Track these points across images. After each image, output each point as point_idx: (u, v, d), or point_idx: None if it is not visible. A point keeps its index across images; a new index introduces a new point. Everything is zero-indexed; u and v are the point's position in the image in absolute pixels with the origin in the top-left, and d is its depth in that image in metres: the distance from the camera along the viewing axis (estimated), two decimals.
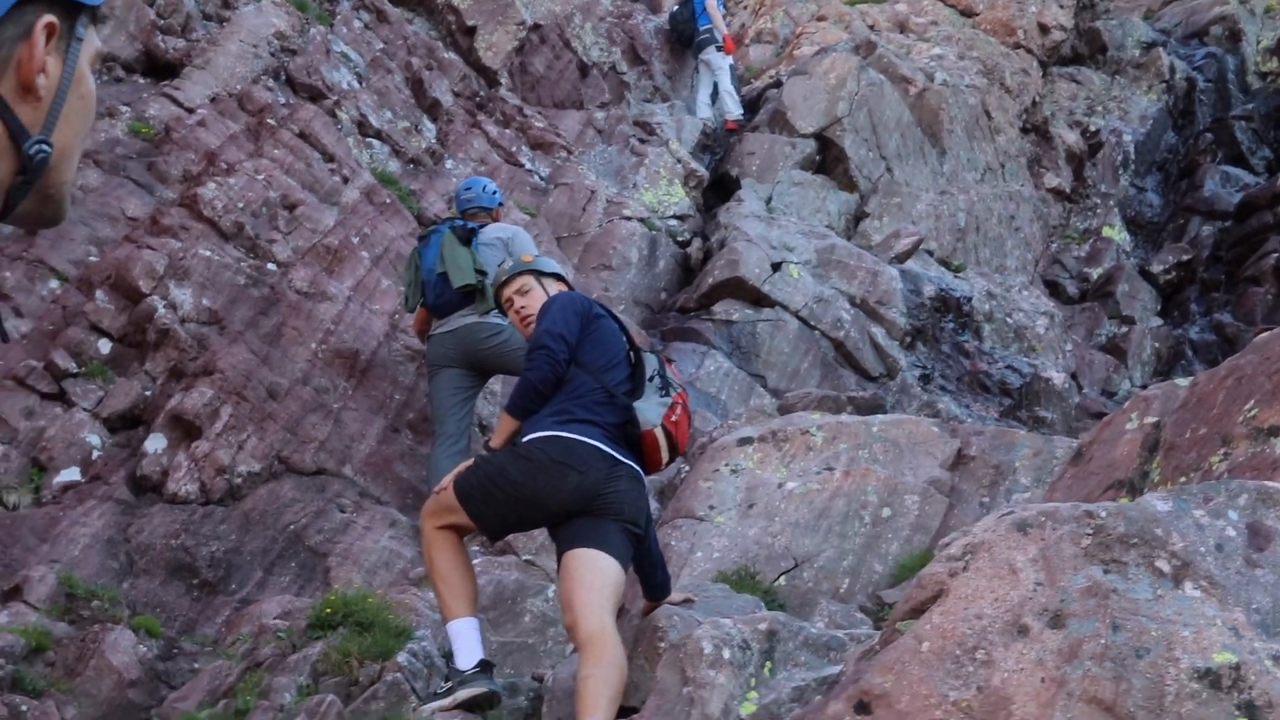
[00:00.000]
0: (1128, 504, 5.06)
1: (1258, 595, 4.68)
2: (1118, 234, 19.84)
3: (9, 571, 10.38)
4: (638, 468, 7.86)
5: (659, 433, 7.83)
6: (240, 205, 13.62)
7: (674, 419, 7.92)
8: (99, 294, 12.45)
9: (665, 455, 7.98)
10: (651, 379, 8.02)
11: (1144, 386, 10.61)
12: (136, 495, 11.40)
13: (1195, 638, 4.44)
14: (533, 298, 8.68)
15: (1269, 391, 7.17)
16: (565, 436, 7.72)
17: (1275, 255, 17.24)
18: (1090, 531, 4.75)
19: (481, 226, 12.57)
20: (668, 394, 7.99)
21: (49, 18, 2.08)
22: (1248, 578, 4.74)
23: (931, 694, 4.63)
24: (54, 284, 12.52)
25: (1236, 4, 23.54)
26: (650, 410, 7.84)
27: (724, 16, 22.14)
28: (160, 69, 15.75)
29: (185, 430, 11.73)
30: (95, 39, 2.21)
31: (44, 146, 2.11)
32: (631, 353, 8.21)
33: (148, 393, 12.07)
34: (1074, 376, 16.68)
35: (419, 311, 12.64)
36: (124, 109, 14.64)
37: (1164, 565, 4.65)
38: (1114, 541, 4.71)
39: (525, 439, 7.87)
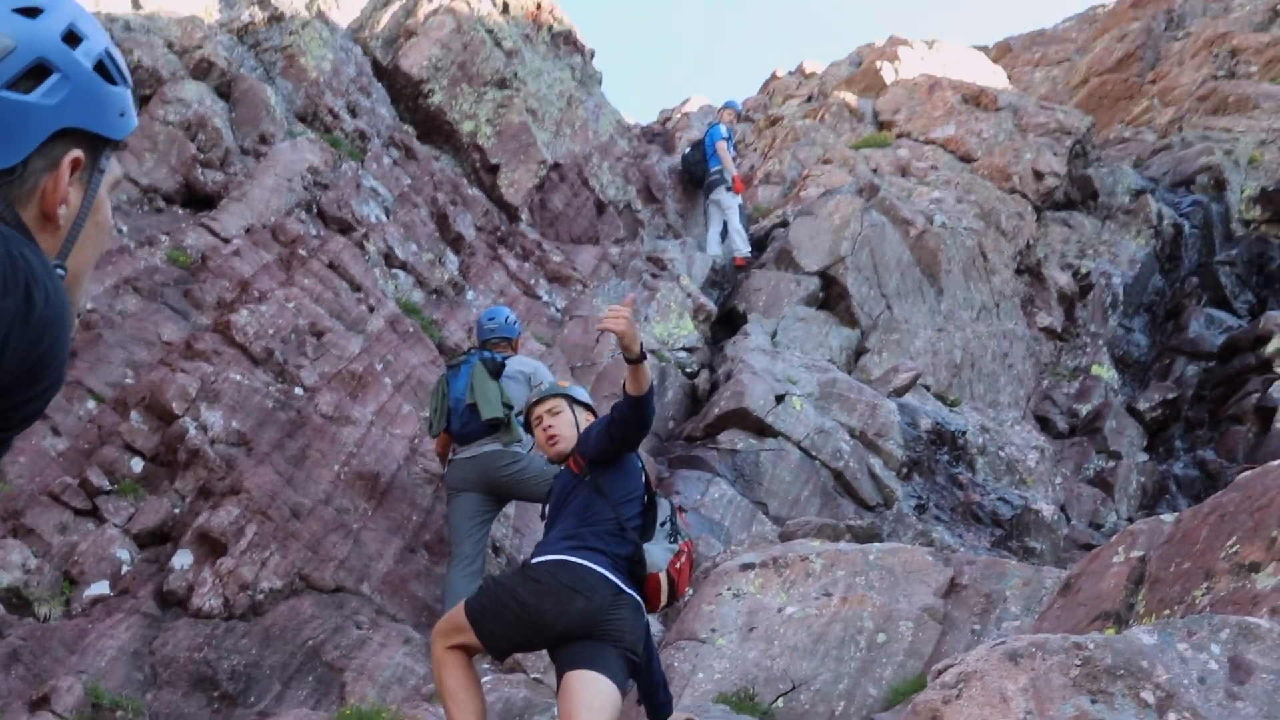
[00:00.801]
0: (1114, 636, 5.05)
1: None
2: (1106, 372, 19.86)
3: (38, 681, 10.34)
4: (640, 599, 7.85)
5: (662, 577, 7.85)
6: (270, 332, 13.67)
7: (678, 566, 7.95)
8: (133, 415, 12.48)
9: (664, 599, 7.98)
10: (663, 524, 8.03)
11: (1130, 520, 10.60)
12: (162, 609, 11.38)
13: None
14: (561, 420, 8.74)
15: (1250, 529, 7.16)
16: (574, 562, 7.71)
17: (1256, 395, 17.25)
18: (1079, 663, 4.75)
19: (506, 358, 12.61)
20: (675, 541, 8.02)
21: (76, 153, 2.11)
22: (1229, 710, 4.73)
23: None
24: (91, 404, 12.56)
25: (1221, 155, 23.66)
26: (658, 554, 7.85)
27: (734, 159, 22.26)
28: (199, 200, 15.89)
29: (211, 547, 11.72)
30: (115, 168, 2.24)
31: (61, 270, 2.11)
32: (647, 495, 8.21)
33: (176, 510, 12.07)
34: (1063, 509, 16.65)
35: (441, 437, 12.66)
36: (163, 238, 14.73)
37: (1149, 696, 4.65)
38: (1101, 673, 4.71)
39: (535, 561, 7.90)
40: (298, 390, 13.36)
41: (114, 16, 17.36)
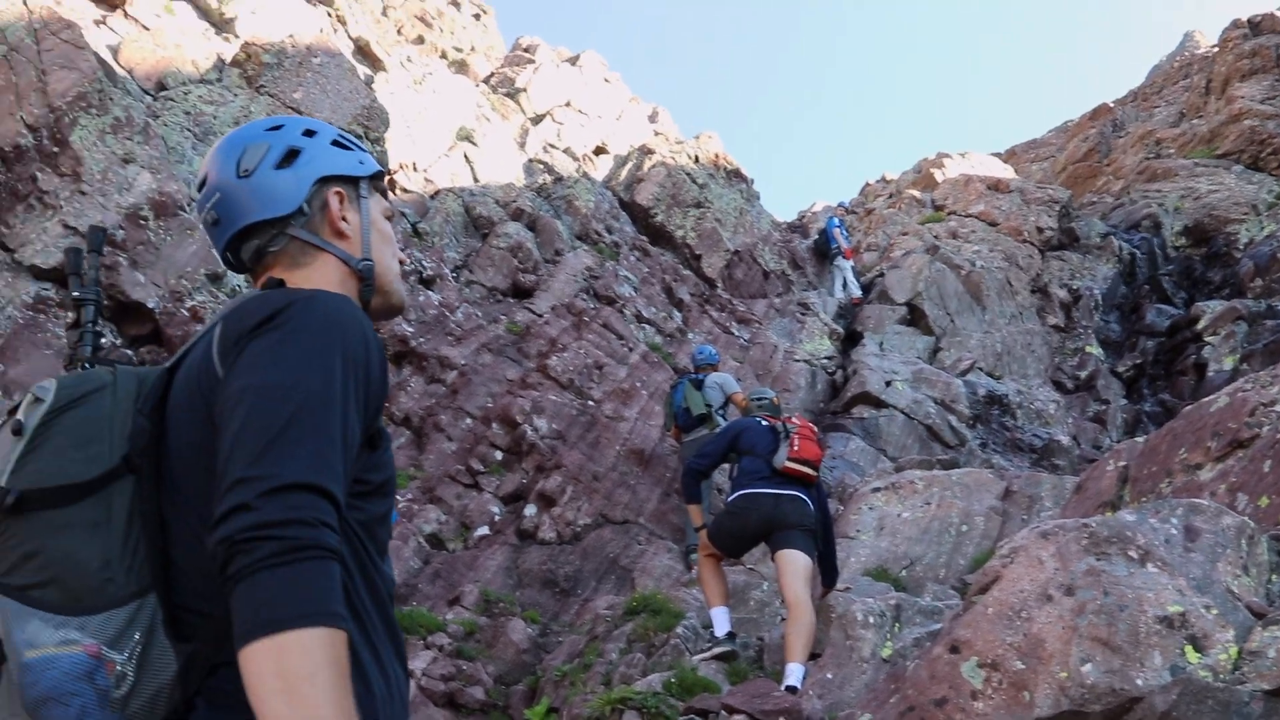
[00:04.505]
0: (1109, 517, 4.96)
1: (1193, 569, 4.56)
2: (1095, 350, 19.32)
3: (452, 588, 10.58)
4: (796, 492, 7.85)
5: (790, 464, 7.82)
6: (572, 368, 13.84)
7: (795, 449, 7.90)
8: (494, 425, 12.73)
9: (806, 469, 7.89)
10: (784, 436, 8.02)
11: (1118, 442, 10.33)
12: (521, 541, 11.56)
13: (1156, 597, 4.33)
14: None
15: (1194, 442, 6.97)
16: (746, 493, 7.88)
17: (1193, 357, 16.70)
18: (1087, 535, 4.67)
19: (706, 376, 12.66)
20: (786, 438, 8.00)
21: (337, 188, 2.12)
22: (1186, 559, 4.62)
23: (995, 639, 4.56)
24: (468, 421, 12.83)
25: (1157, 206, 23.01)
26: (780, 455, 7.87)
27: (845, 237, 22.13)
28: (521, 292, 16.16)
29: (547, 501, 11.89)
30: (382, 200, 2.22)
31: (367, 261, 2.13)
32: (772, 430, 8.20)
33: (524, 480, 12.26)
34: (1075, 438, 16.22)
35: (674, 430, 12.71)
36: (502, 318, 15.02)
37: (1133, 553, 4.55)
38: (1102, 540, 4.62)
39: (729, 500, 8.09)
40: (590, 402, 13.51)
41: (463, 188, 17.73)
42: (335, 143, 2.18)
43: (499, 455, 12.47)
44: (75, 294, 2.14)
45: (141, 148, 12.05)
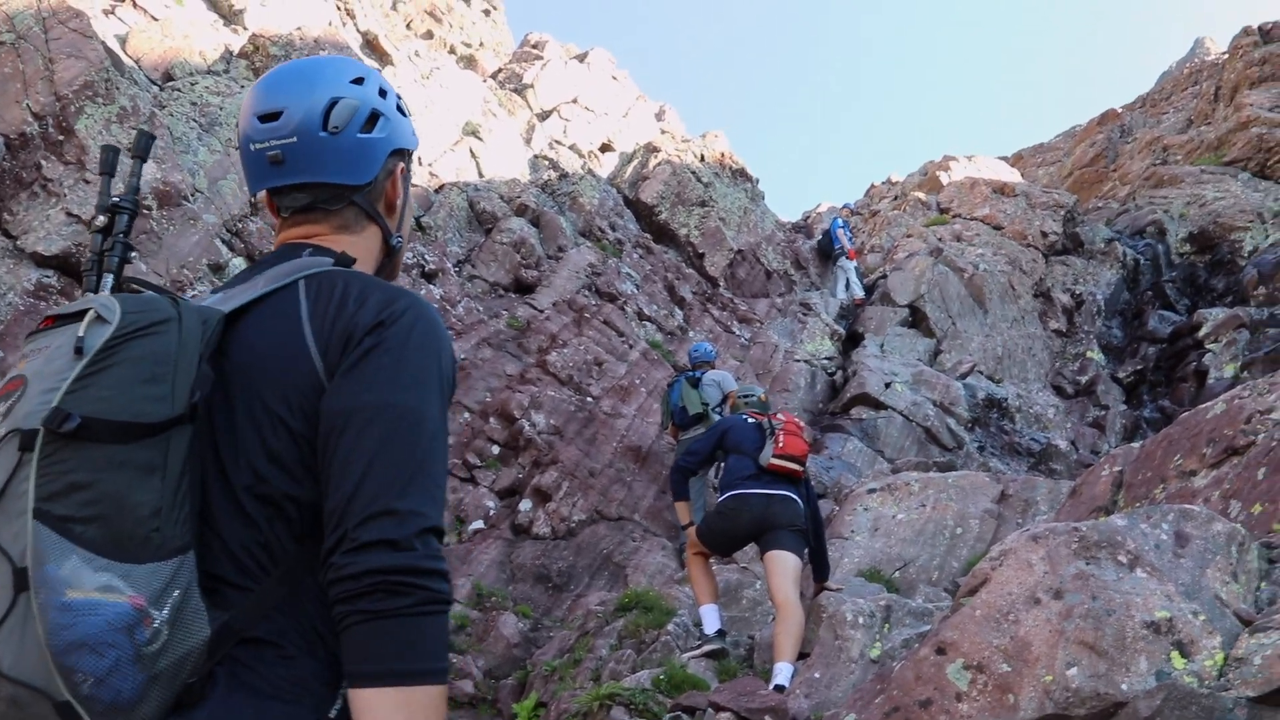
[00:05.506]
0: (1100, 521, 4.92)
1: (1182, 575, 4.52)
2: (1096, 355, 19.26)
3: None
4: (786, 492, 7.83)
5: (775, 461, 7.81)
6: (571, 364, 13.82)
7: (780, 445, 7.89)
8: (491, 419, 12.71)
9: (792, 465, 7.88)
10: (769, 434, 8.00)
11: (1115, 448, 10.34)
12: (515, 535, 11.54)
13: (1144, 602, 4.31)
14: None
15: (1189, 449, 6.95)
16: (735, 494, 7.86)
17: (1194, 364, 16.64)
18: (1077, 539, 4.65)
19: (704, 374, 12.60)
20: (772, 435, 7.98)
21: (401, 164, 2.13)
22: (1175, 564, 4.59)
23: (982, 641, 4.53)
24: (466, 415, 12.80)
25: (1162, 213, 22.94)
26: (766, 453, 7.86)
27: (849, 238, 22.11)
28: (523, 288, 16.11)
29: (542, 496, 11.87)
30: (412, 173, 2.23)
31: (399, 238, 2.15)
32: (758, 428, 8.18)
33: (520, 475, 12.25)
34: (1073, 443, 16.17)
35: (671, 427, 12.67)
36: (503, 313, 14.98)
37: (1123, 558, 4.53)
38: (1091, 545, 4.60)
39: (719, 500, 8.06)
40: (588, 399, 13.48)
41: (468, 183, 17.71)
42: (398, 107, 2.17)
43: (496, 450, 12.45)
44: (113, 199, 2.01)
45: None
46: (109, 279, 1.93)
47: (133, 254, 1.99)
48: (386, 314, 1.81)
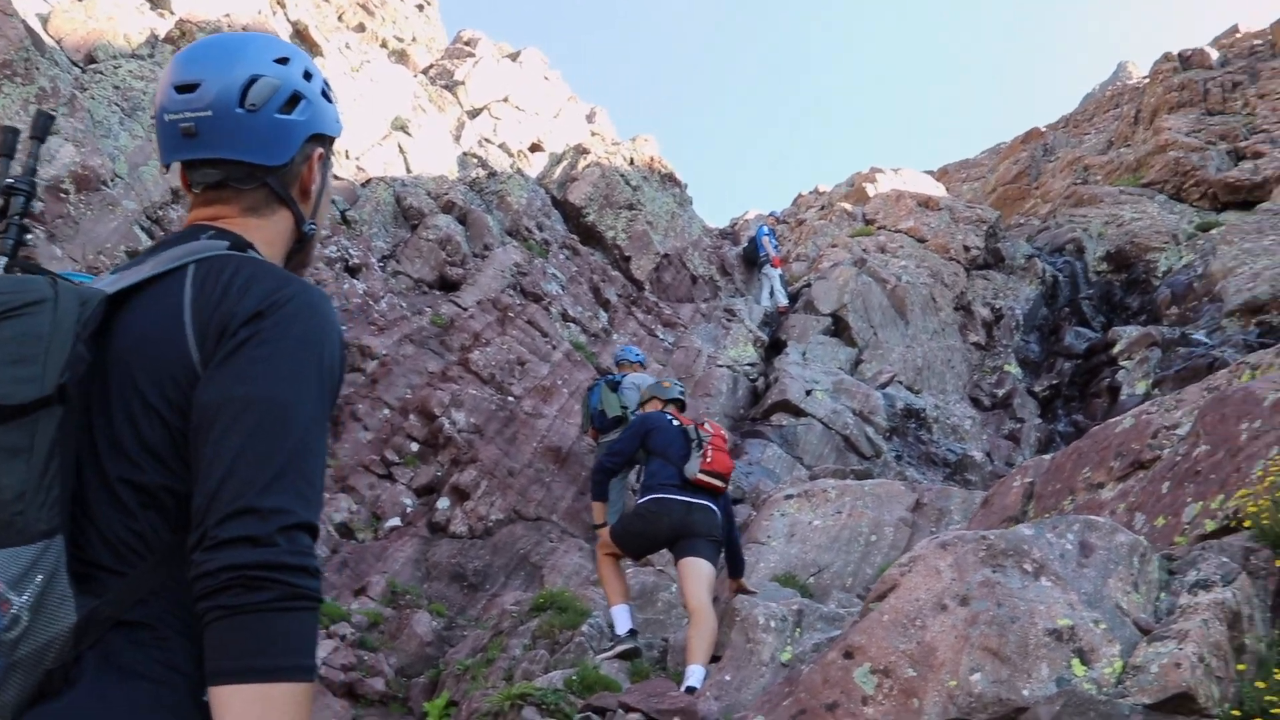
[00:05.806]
0: (1006, 530, 4.99)
1: (1085, 585, 4.61)
2: (1014, 369, 19.56)
3: (359, 578, 10.47)
4: (706, 502, 7.84)
5: (701, 476, 7.81)
6: (493, 363, 13.76)
7: (708, 460, 7.88)
8: (411, 416, 12.61)
9: (716, 482, 7.90)
10: (696, 445, 8.02)
11: (1029, 460, 10.51)
12: (432, 534, 11.47)
13: (1047, 610, 4.38)
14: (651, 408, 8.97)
15: (1097, 462, 7.08)
16: (657, 498, 7.86)
17: (1107, 380, 16.97)
18: (985, 547, 4.71)
19: (624, 377, 12.56)
20: (699, 448, 7.96)
21: (320, 149, 2.09)
22: (1079, 573, 4.67)
23: (889, 646, 4.58)
24: (386, 411, 12.69)
25: (1080, 231, 23.37)
26: (692, 466, 7.85)
27: (774, 246, 22.22)
28: (447, 285, 16.02)
29: (460, 495, 11.81)
30: (333, 163, 2.19)
31: (313, 225, 2.10)
32: (684, 435, 8.19)
33: (438, 473, 12.17)
34: (988, 454, 16.40)
35: (591, 430, 12.62)
36: (427, 310, 14.88)
37: (1028, 566, 4.60)
38: (998, 553, 4.66)
39: (638, 503, 8.05)
40: (510, 398, 13.43)
41: (395, 178, 17.57)
42: (323, 92, 2.12)
43: (415, 447, 12.36)
44: (9, 181, 1.95)
45: (66, 120, 11.82)
46: (1, 261, 1.86)
47: (28, 236, 1.92)
48: (268, 303, 1.75)
